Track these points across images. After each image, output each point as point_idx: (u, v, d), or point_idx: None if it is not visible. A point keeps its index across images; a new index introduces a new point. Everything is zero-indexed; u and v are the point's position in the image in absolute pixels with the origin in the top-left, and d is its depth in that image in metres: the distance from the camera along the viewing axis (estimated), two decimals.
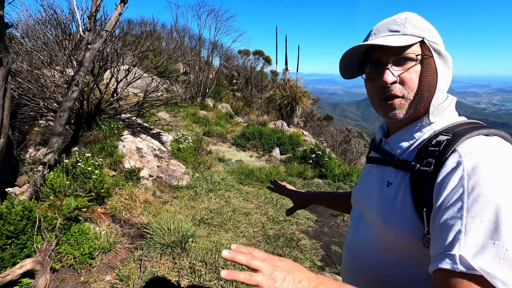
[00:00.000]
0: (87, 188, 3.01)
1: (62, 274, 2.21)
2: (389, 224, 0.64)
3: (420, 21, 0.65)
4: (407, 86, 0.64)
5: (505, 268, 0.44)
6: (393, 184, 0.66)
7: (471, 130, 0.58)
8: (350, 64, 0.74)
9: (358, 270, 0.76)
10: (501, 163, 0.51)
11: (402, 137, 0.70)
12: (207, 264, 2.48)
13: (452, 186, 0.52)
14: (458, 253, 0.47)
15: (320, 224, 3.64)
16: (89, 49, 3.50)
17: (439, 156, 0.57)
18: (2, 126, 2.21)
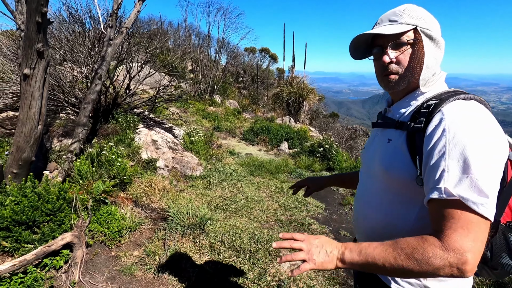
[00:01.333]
0: (111, 175, 3.22)
1: (95, 249, 2.42)
2: (389, 169, 0.81)
3: (416, 11, 0.81)
4: (401, 65, 0.81)
5: (475, 193, 0.62)
6: (393, 140, 0.84)
7: (453, 95, 0.75)
8: (358, 48, 0.91)
9: (363, 214, 0.94)
10: (472, 119, 0.67)
11: (401, 105, 0.87)
12: (225, 244, 2.67)
13: (437, 137, 0.69)
14: (443, 186, 0.65)
15: (329, 211, 3.81)
16: (111, 45, 3.70)
17: (428, 116, 0.74)
18: (41, 114, 2.42)
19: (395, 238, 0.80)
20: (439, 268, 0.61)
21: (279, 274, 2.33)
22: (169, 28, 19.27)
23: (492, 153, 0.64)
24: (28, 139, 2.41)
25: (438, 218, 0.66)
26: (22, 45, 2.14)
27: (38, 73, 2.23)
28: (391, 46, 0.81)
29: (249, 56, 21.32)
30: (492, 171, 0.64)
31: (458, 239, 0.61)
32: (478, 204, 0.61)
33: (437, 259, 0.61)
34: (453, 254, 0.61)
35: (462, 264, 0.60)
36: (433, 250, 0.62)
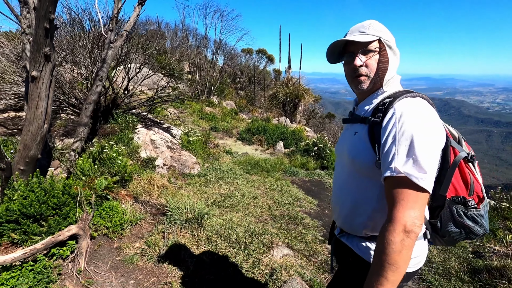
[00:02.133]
0: (112, 172, 3.36)
1: (99, 241, 2.57)
2: (356, 157, 0.98)
3: (379, 26, 0.99)
4: (369, 69, 0.98)
5: (417, 170, 0.79)
6: (358, 132, 1.00)
7: (403, 94, 0.92)
8: (334, 52, 1.08)
9: (336, 194, 1.12)
10: (416, 113, 0.84)
11: (365, 103, 1.04)
12: (221, 236, 2.82)
13: (389, 127, 0.86)
14: (394, 166, 0.82)
15: (321, 207, 3.98)
16: (111, 48, 3.85)
17: (384, 111, 0.91)
18: (47, 113, 2.56)
19: (362, 215, 0.97)
20: (402, 240, 0.78)
21: (271, 263, 2.49)
22: (166, 29, 19.38)
23: (430, 139, 0.81)
24: (35, 138, 2.55)
25: (390, 193, 0.83)
26: (30, 49, 2.28)
27: (45, 75, 2.38)
28: (360, 52, 0.98)
29: (246, 57, 21.48)
30: (430, 153, 0.80)
31: (402, 210, 0.78)
32: (419, 179, 0.78)
33: (395, 237, 0.78)
34: (399, 224, 0.78)
35: (408, 228, 0.77)
36: (391, 235, 0.79)
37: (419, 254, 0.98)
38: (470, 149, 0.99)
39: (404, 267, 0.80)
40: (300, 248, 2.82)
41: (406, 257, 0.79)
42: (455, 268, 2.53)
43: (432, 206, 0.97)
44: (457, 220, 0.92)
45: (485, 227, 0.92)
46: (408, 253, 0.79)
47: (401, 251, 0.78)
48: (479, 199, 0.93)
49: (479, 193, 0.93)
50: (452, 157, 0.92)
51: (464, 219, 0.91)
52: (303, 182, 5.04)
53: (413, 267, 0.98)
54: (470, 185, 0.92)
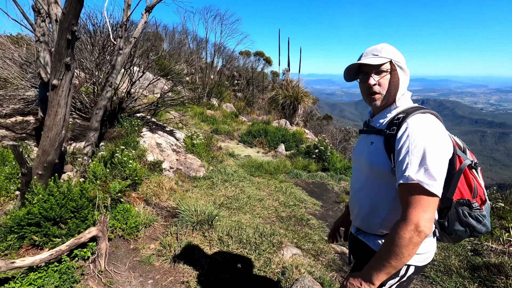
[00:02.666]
0: (124, 176, 3.46)
1: (116, 242, 2.66)
2: (373, 164, 1.11)
3: (390, 48, 1.12)
4: (382, 87, 1.11)
5: (428, 177, 0.92)
6: (374, 143, 1.13)
7: (415, 110, 1.05)
8: (350, 72, 1.21)
9: (355, 196, 1.24)
10: (426, 127, 0.97)
11: (380, 117, 1.17)
12: (232, 237, 2.94)
13: (403, 140, 0.99)
14: (408, 174, 0.94)
15: (325, 208, 4.11)
16: (120, 54, 3.95)
17: (398, 125, 1.04)
18: (65, 120, 2.66)
19: (379, 216, 1.10)
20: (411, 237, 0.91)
21: (282, 262, 2.61)
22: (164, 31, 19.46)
23: (439, 150, 0.95)
24: (53, 143, 2.64)
25: (404, 197, 0.97)
26: (52, 59, 2.38)
27: (64, 83, 2.48)
28: (374, 72, 1.11)
29: (244, 60, 21.62)
30: (439, 163, 0.94)
31: (416, 212, 0.92)
32: (430, 185, 0.91)
33: (406, 233, 0.92)
34: (412, 223, 0.91)
35: (420, 228, 0.90)
36: (402, 231, 0.92)
37: (428, 250, 1.11)
38: (474, 157, 1.12)
39: (407, 258, 0.94)
40: (308, 248, 2.95)
41: (411, 251, 0.93)
42: (456, 265, 2.67)
43: (441, 208, 1.09)
44: (463, 220, 1.04)
45: (487, 225, 1.05)
46: (414, 248, 0.92)
47: (408, 246, 0.91)
48: (481, 201, 1.07)
49: (481, 196, 1.07)
50: (458, 164, 1.05)
51: (468, 219, 1.04)
52: (306, 184, 5.17)
53: (423, 261, 1.11)
54: (474, 189, 1.05)
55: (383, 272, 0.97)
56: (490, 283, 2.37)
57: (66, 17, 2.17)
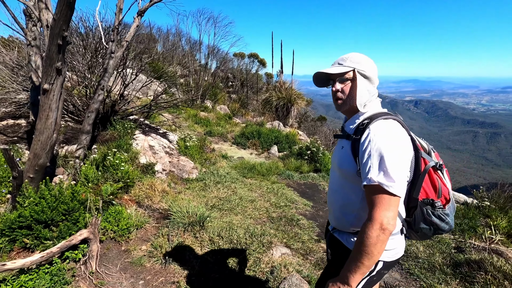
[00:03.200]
0: (116, 178, 3.49)
1: (107, 244, 2.70)
2: (342, 167, 1.20)
3: (358, 58, 1.18)
4: (344, 93, 1.20)
5: (387, 179, 0.99)
6: (344, 147, 1.22)
7: (378, 116, 1.12)
8: (319, 79, 1.29)
9: (330, 197, 1.33)
10: (386, 132, 1.05)
11: (350, 123, 1.24)
12: (223, 238, 2.99)
13: (366, 144, 1.06)
14: (370, 176, 1.02)
15: (316, 209, 4.18)
16: (112, 58, 3.99)
17: (362, 131, 1.12)
18: (56, 123, 2.69)
19: (349, 215, 1.18)
20: (378, 235, 0.98)
21: (271, 261, 2.67)
22: (158, 33, 19.43)
23: (397, 154, 1.02)
24: (44, 147, 2.67)
25: (369, 197, 1.05)
26: (43, 64, 2.41)
27: (56, 88, 2.51)
28: (338, 80, 1.21)
29: (238, 61, 21.69)
30: (398, 165, 1.01)
31: (379, 211, 0.99)
32: (389, 186, 0.99)
33: (373, 232, 0.99)
34: (377, 222, 0.99)
35: (384, 226, 0.98)
36: (369, 230, 1.00)
37: (396, 247, 1.18)
38: (439, 159, 1.20)
39: (377, 256, 1.01)
40: (297, 248, 3.01)
41: (380, 249, 1.00)
42: (439, 262, 2.76)
43: (408, 207, 1.17)
44: (427, 218, 1.12)
45: (450, 224, 1.12)
46: (382, 245, 0.99)
47: (376, 244, 0.99)
48: (446, 201, 1.14)
49: (446, 196, 1.14)
50: (423, 166, 1.13)
51: (432, 217, 1.11)
52: (298, 185, 5.24)
53: (392, 257, 1.18)
54: (439, 189, 1.13)
55: (358, 272, 1.04)
56: (470, 279, 2.46)
57: (57, 23, 2.21)
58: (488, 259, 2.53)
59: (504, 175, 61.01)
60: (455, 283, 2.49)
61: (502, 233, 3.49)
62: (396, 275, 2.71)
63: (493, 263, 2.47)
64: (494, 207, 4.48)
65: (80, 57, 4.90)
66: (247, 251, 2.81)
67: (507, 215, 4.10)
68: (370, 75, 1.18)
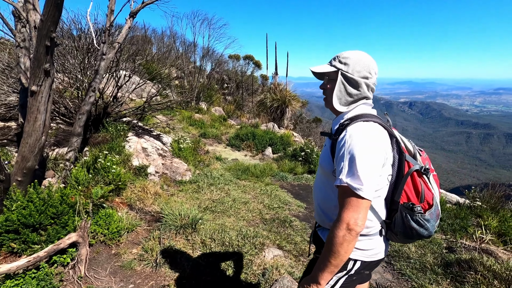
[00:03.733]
0: (107, 181, 3.45)
1: (97, 248, 2.66)
2: (322, 165, 1.21)
3: (345, 58, 1.17)
4: (327, 92, 1.22)
5: (355, 182, 0.98)
6: (326, 145, 1.23)
7: (359, 118, 1.11)
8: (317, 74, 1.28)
9: (314, 193, 1.34)
10: (361, 135, 1.03)
11: (335, 122, 1.24)
12: (215, 240, 2.97)
13: (341, 145, 1.06)
14: (341, 177, 1.02)
15: (309, 210, 4.18)
16: (104, 59, 3.96)
17: (341, 131, 1.11)
18: (45, 126, 2.65)
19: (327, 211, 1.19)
20: (344, 235, 0.99)
21: (263, 263, 2.65)
22: (153, 35, 19.39)
23: (369, 158, 1.01)
24: (32, 149, 2.63)
25: (339, 198, 1.05)
26: (31, 65, 2.38)
27: (44, 89, 2.48)
28: (326, 78, 1.23)
29: (233, 63, 21.71)
30: (368, 169, 1.00)
31: (347, 212, 1.00)
32: (357, 189, 0.98)
33: (339, 232, 1.00)
34: (344, 223, 0.99)
35: (350, 226, 0.98)
36: (336, 230, 1.01)
37: (375, 247, 1.18)
38: (426, 163, 1.18)
39: (344, 255, 1.01)
40: (290, 249, 3.01)
41: (346, 248, 1.00)
42: (430, 262, 2.78)
43: (390, 209, 1.17)
44: (405, 222, 1.11)
45: (429, 230, 1.10)
46: (348, 245, 1.00)
47: (342, 243, 0.99)
48: (428, 206, 1.12)
49: (429, 201, 1.11)
50: (406, 169, 1.12)
51: (410, 222, 1.09)
52: (292, 186, 5.24)
53: (370, 257, 1.18)
54: (421, 194, 1.11)
55: (326, 271, 1.04)
56: (461, 278, 2.48)
57: (45, 24, 2.18)
58: (478, 259, 2.55)
59: (497, 175, 61.78)
60: (446, 283, 2.50)
61: (492, 233, 3.53)
62: (387, 275, 2.72)
63: (483, 263, 2.49)
64: (485, 207, 4.53)
65: (72, 58, 4.85)
66: (239, 253, 2.79)
67: (498, 215, 4.14)
68: (357, 79, 1.16)
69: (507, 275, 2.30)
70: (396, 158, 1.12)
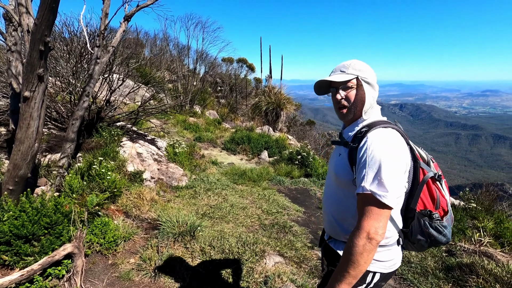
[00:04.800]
0: (102, 188, 3.36)
1: (93, 258, 2.58)
2: (338, 174, 1.17)
3: (359, 65, 1.17)
4: (349, 101, 1.17)
5: (380, 189, 0.96)
6: (341, 154, 1.19)
7: (377, 124, 1.10)
8: (321, 87, 1.27)
9: (325, 203, 1.30)
10: (384, 141, 1.02)
11: (348, 130, 1.21)
12: (214, 248, 2.91)
13: (362, 152, 1.04)
14: (364, 185, 0.99)
15: (308, 215, 4.16)
16: (98, 63, 3.87)
17: (360, 138, 1.09)
18: (38, 132, 2.56)
19: (344, 223, 1.15)
20: (364, 244, 0.95)
21: (265, 271, 2.61)
22: (146, 38, 19.23)
23: (394, 164, 0.99)
24: (25, 157, 2.54)
25: (360, 206, 1.02)
26: (24, 70, 2.30)
27: (37, 95, 2.40)
28: (341, 88, 1.18)
29: (227, 66, 21.69)
30: (393, 176, 0.98)
31: (368, 221, 0.97)
32: (382, 196, 0.96)
33: (359, 241, 0.96)
34: (364, 231, 0.96)
35: (371, 235, 0.95)
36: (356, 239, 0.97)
37: (393, 258, 1.16)
38: (438, 169, 1.18)
39: (364, 266, 0.97)
40: (291, 256, 2.97)
41: (366, 258, 0.96)
42: (431, 266, 2.78)
43: (406, 217, 1.15)
44: (424, 230, 1.09)
45: (447, 236, 1.10)
46: (368, 255, 0.96)
47: (362, 253, 0.96)
48: (444, 212, 1.12)
49: (444, 207, 1.12)
50: (421, 176, 1.11)
51: (429, 229, 1.09)
52: (289, 190, 5.22)
53: (389, 268, 1.15)
54: (437, 200, 1.11)
55: (344, 283, 1.00)
56: (463, 283, 2.48)
57: (39, 28, 2.11)
58: (479, 263, 2.56)
59: (486, 176, 63.08)
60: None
61: (490, 235, 3.56)
62: (389, 280, 2.70)
63: (484, 267, 2.50)
64: (480, 209, 4.58)
65: (64, 62, 4.75)
66: (239, 261, 2.74)
67: (493, 216, 4.19)
68: (372, 81, 1.17)
69: (509, 279, 2.31)
70: (412, 165, 1.11)
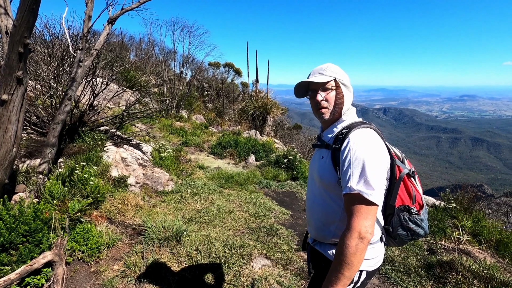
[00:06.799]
0: (84, 194, 3.27)
1: (74, 266, 2.50)
2: (322, 177, 1.19)
3: (335, 68, 1.22)
4: (328, 102, 1.20)
5: (366, 187, 1.00)
6: (324, 157, 1.21)
7: (356, 125, 1.14)
8: (300, 90, 1.30)
9: (309, 208, 1.31)
10: (365, 141, 1.07)
11: (328, 132, 1.25)
12: (201, 252, 2.88)
13: (345, 153, 1.07)
14: (350, 185, 1.02)
15: (294, 217, 4.19)
16: (81, 66, 3.80)
17: (342, 140, 1.13)
18: (16, 137, 2.48)
19: (330, 225, 1.17)
20: (356, 244, 0.98)
21: (252, 274, 2.61)
22: (131, 41, 18.96)
23: (377, 162, 1.04)
24: (2, 162, 2.45)
25: (347, 206, 1.04)
26: (2, 72, 2.23)
27: (16, 98, 2.33)
28: (321, 89, 1.21)
29: (214, 71, 21.66)
30: (377, 174, 1.03)
31: (358, 220, 1.00)
32: (369, 195, 0.99)
33: (352, 241, 0.99)
34: (355, 231, 0.99)
35: (362, 234, 0.98)
36: (348, 240, 0.99)
37: (377, 255, 1.19)
38: (411, 166, 1.24)
39: (357, 266, 1.00)
40: (277, 258, 2.98)
41: (359, 258, 0.99)
42: (414, 265, 2.86)
43: (386, 214, 1.19)
44: (404, 224, 1.14)
45: (425, 229, 1.16)
46: (361, 255, 0.99)
47: (355, 253, 0.98)
48: (420, 206, 1.18)
49: (419, 202, 1.18)
50: (398, 173, 1.15)
51: (409, 223, 1.13)
52: (276, 193, 5.24)
53: (374, 266, 1.19)
54: (413, 196, 1.16)
55: (339, 284, 1.01)
56: (443, 280, 2.57)
57: (18, 30, 2.06)
58: (458, 260, 2.66)
59: (465, 177, 65.51)
60: (429, 285, 2.58)
61: (468, 233, 3.70)
62: (374, 280, 2.76)
63: (462, 263, 2.60)
64: (459, 208, 4.75)
65: (45, 65, 4.62)
66: (226, 264, 2.73)
67: (471, 216, 4.36)
68: (348, 84, 1.22)
69: (485, 274, 2.41)
70: (389, 163, 1.15)
